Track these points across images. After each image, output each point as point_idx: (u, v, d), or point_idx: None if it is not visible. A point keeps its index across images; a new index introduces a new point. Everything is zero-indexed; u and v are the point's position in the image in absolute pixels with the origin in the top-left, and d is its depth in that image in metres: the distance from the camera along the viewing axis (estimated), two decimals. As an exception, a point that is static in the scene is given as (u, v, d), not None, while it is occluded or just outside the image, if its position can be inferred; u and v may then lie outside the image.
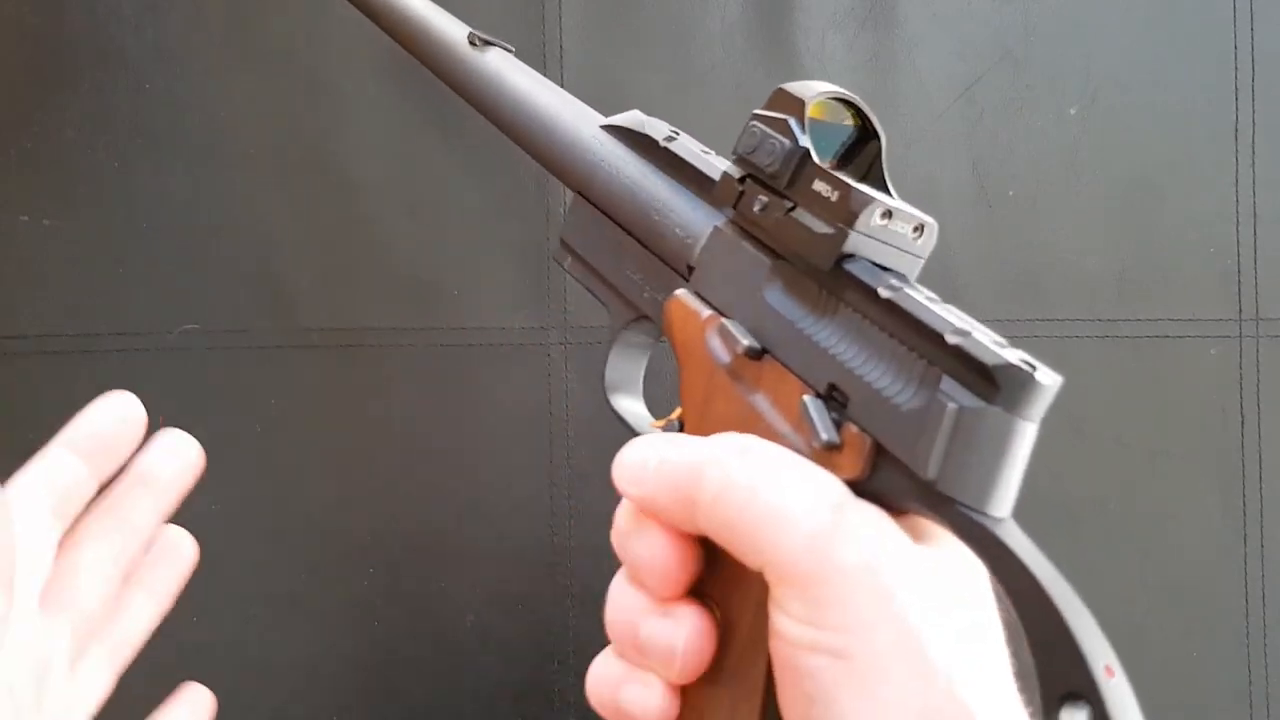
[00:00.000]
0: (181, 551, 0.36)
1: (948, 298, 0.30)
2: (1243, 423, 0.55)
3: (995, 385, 0.26)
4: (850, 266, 0.29)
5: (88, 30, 0.55)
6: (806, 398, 0.28)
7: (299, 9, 0.55)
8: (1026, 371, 0.26)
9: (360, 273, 0.54)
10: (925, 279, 0.61)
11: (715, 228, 0.32)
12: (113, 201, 0.55)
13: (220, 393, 0.54)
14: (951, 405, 0.25)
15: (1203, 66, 0.55)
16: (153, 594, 0.36)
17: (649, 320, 0.34)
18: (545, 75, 0.59)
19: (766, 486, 0.25)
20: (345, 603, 0.53)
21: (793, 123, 0.31)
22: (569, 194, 0.39)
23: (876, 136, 0.31)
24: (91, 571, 0.34)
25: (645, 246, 0.34)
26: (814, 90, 0.31)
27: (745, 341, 0.30)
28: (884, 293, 0.27)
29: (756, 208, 0.31)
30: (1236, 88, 0.55)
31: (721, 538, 0.26)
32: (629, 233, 0.35)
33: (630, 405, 0.36)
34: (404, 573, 0.53)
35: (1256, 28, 0.55)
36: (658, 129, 0.35)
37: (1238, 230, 0.55)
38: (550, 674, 0.54)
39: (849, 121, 0.32)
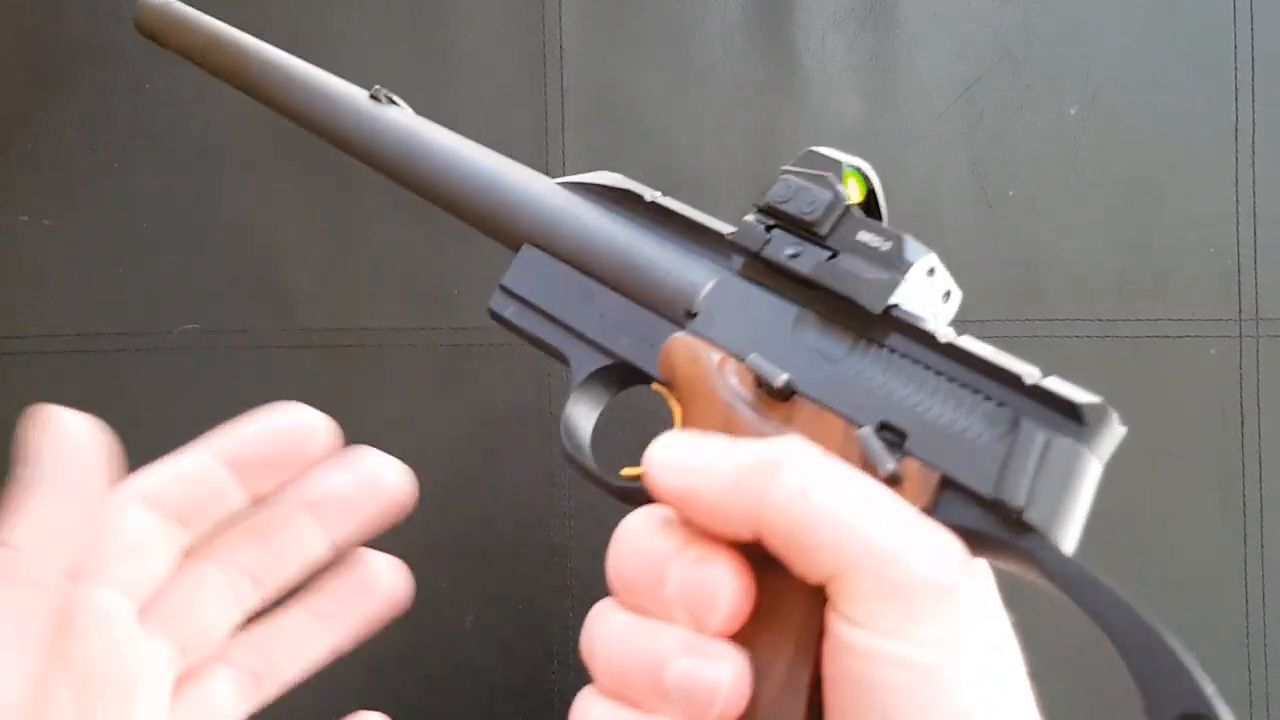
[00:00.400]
0: (378, 585, 0.33)
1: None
2: (1243, 423, 0.55)
3: (1082, 422, 0.28)
4: (898, 313, 0.30)
5: (88, 30, 0.55)
6: (863, 430, 0.29)
7: (299, 8, 0.55)
8: (1110, 411, 0.28)
9: (360, 273, 0.54)
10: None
11: (726, 276, 0.33)
12: (113, 201, 0.55)
13: (220, 393, 0.54)
14: (1040, 437, 0.27)
15: (1203, 66, 0.55)
16: (328, 625, 0.33)
17: (622, 366, 0.34)
18: (545, 75, 0.59)
19: (857, 484, 0.25)
20: (345, 603, 0.53)
21: (832, 178, 0.32)
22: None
23: (879, 215, 0.33)
24: (218, 589, 0.30)
25: (626, 295, 0.35)
26: (846, 159, 0.32)
27: (782, 377, 0.30)
28: (944, 337, 0.29)
29: (787, 252, 0.32)
30: (1236, 88, 0.55)
31: (791, 541, 0.25)
32: (603, 281, 0.35)
33: (590, 458, 0.35)
34: (404, 573, 0.53)
35: (1256, 28, 0.55)
36: (642, 188, 0.36)
37: (1238, 230, 0.55)
38: (550, 674, 0.54)
39: (857, 193, 0.33)
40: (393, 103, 0.42)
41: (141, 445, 0.36)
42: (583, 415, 0.35)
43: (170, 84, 0.55)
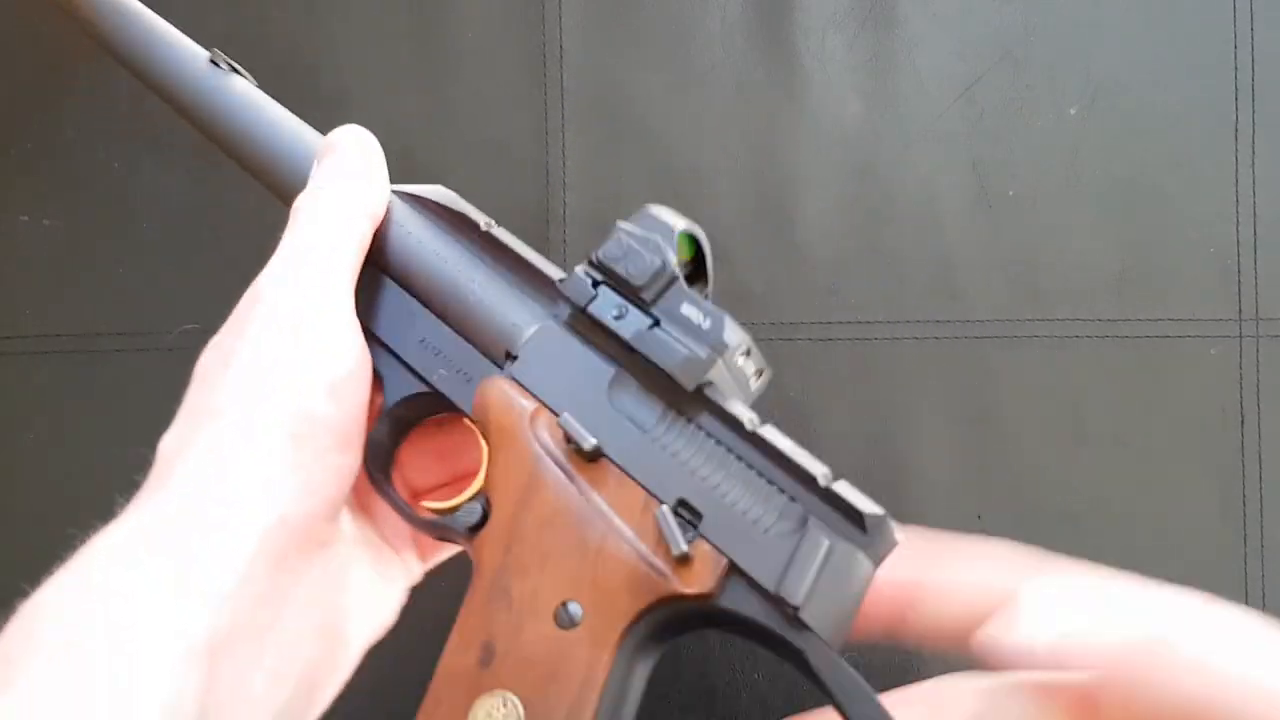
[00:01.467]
0: None
1: (948, 297, 0.30)
2: (1243, 423, 0.55)
3: (864, 530, 0.28)
4: (709, 392, 0.30)
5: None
6: (662, 509, 0.29)
7: (298, 10, 0.55)
8: (889, 523, 0.29)
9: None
10: (926, 279, 0.61)
11: (550, 323, 0.33)
12: (113, 201, 0.55)
13: (220, 393, 0.54)
14: (825, 542, 0.28)
15: (1203, 66, 0.55)
16: None
17: (435, 397, 0.34)
18: (545, 75, 0.59)
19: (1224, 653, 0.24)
20: (345, 603, 0.53)
21: (662, 243, 0.32)
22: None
23: (705, 280, 0.33)
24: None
25: (450, 325, 0.34)
26: (681, 223, 0.32)
27: (590, 441, 0.30)
28: (750, 426, 0.30)
29: (613, 314, 0.32)
30: (1236, 88, 0.55)
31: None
32: (428, 305, 0.34)
33: (391, 487, 0.35)
34: (404, 573, 0.53)
35: (1256, 28, 0.55)
36: (476, 213, 0.35)
37: (1238, 230, 0.55)
38: (550, 674, 0.54)
39: (685, 257, 0.33)
40: (235, 71, 0.39)
41: (141, 445, 0.36)
42: (388, 439, 0.35)
43: (170, 84, 0.55)
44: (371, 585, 0.33)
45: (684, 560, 0.29)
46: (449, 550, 0.37)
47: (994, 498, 0.54)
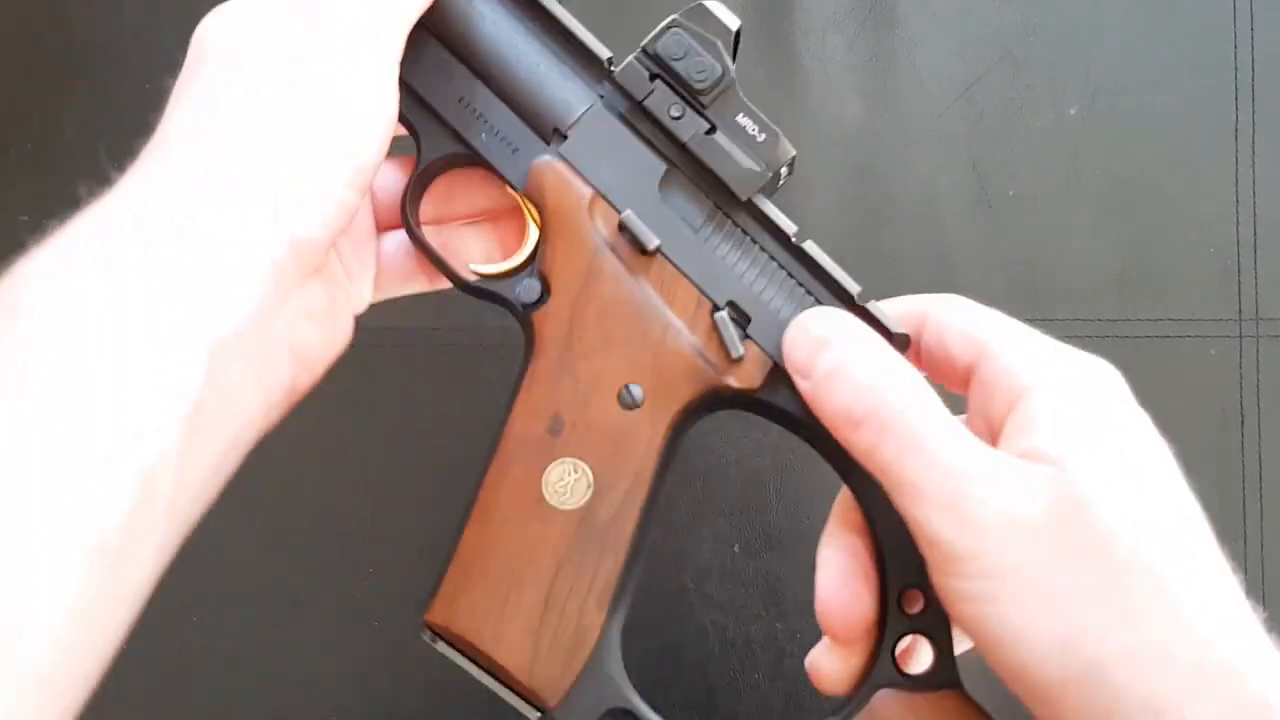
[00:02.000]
0: None
1: (948, 298, 0.31)
2: (1243, 423, 0.55)
3: (892, 344, 0.31)
4: (759, 202, 0.32)
5: (87, 31, 0.55)
6: (722, 314, 0.31)
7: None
8: (909, 343, 0.32)
9: (360, 273, 0.54)
10: (926, 279, 0.61)
11: (599, 106, 0.33)
12: (113, 201, 0.55)
13: (220, 393, 0.54)
14: None
15: (1203, 66, 0.55)
16: None
17: (472, 158, 0.34)
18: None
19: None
20: (345, 603, 0.53)
21: (723, 49, 0.32)
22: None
23: (729, 71, 0.33)
24: None
25: (495, 90, 0.33)
26: (735, 23, 0.32)
27: (654, 241, 0.32)
28: (797, 240, 0.32)
29: (672, 112, 0.32)
30: (1236, 88, 0.55)
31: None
32: (473, 70, 0.33)
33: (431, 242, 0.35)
34: (404, 573, 0.53)
35: (1256, 28, 0.55)
36: None
37: (1238, 230, 0.55)
38: (550, 674, 0.54)
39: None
40: None
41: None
42: (417, 191, 0.35)
43: (170, 84, 0.55)
44: (331, 312, 0.33)
45: (737, 362, 0.31)
46: (404, 289, 0.37)
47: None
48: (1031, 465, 0.26)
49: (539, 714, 0.32)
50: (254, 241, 0.27)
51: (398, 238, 0.36)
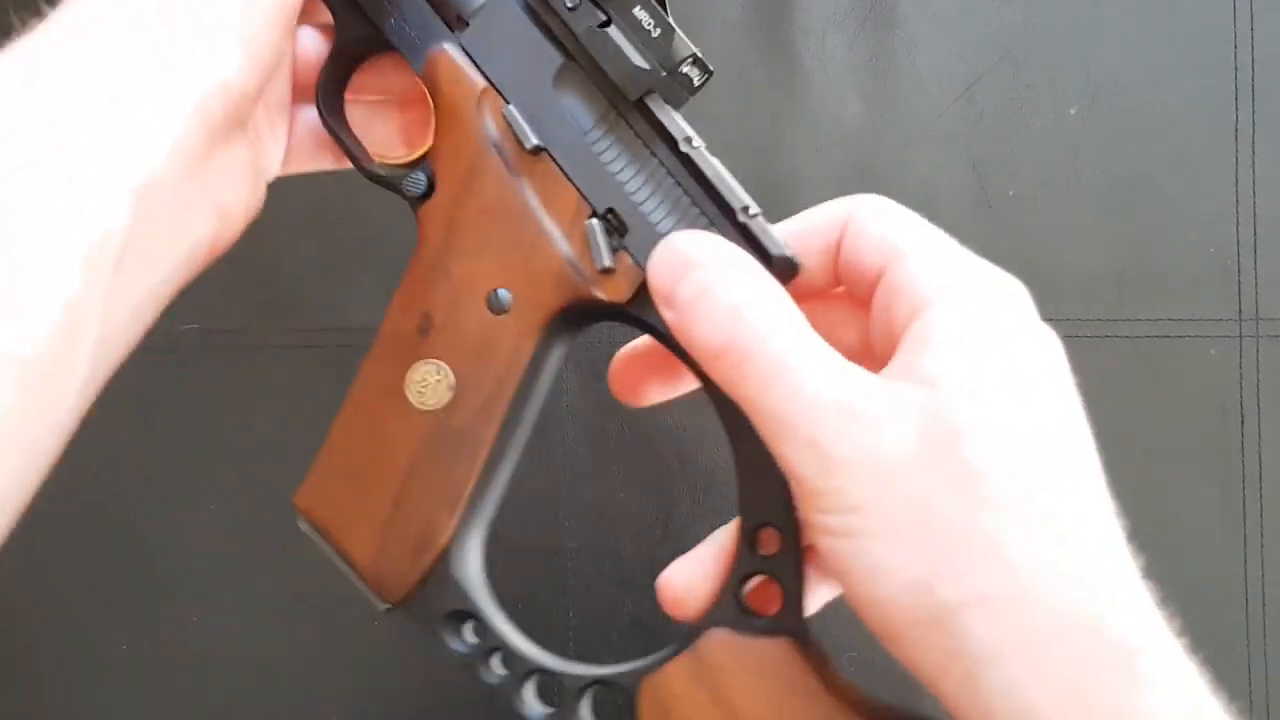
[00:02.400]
0: None
1: (948, 298, 0.30)
2: (1243, 423, 0.55)
3: (771, 268, 0.28)
4: (652, 103, 0.30)
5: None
6: (592, 223, 0.30)
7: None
8: (797, 265, 0.29)
9: (360, 273, 0.54)
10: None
11: None
12: (113, 201, 0.55)
13: (220, 393, 0.54)
14: None
15: (1203, 66, 0.55)
16: None
17: (384, 47, 0.33)
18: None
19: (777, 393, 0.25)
20: (345, 603, 0.53)
21: None
22: None
23: None
24: None
25: None
26: None
27: (532, 141, 0.30)
28: (684, 148, 0.30)
29: (569, 2, 0.30)
30: (1236, 88, 0.55)
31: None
32: None
33: (348, 131, 0.34)
34: (404, 573, 0.53)
35: (1256, 28, 0.55)
36: None
37: (1238, 230, 0.55)
38: (550, 674, 0.54)
39: None
40: None
41: (141, 444, 0.36)
42: (335, 75, 0.34)
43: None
44: (253, 170, 0.33)
45: (606, 273, 0.30)
46: (312, 166, 0.37)
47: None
48: (907, 389, 0.25)
49: (385, 607, 0.32)
50: (184, 85, 0.27)
51: (311, 113, 0.35)
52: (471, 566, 0.32)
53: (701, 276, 0.27)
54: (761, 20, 0.55)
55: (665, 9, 0.31)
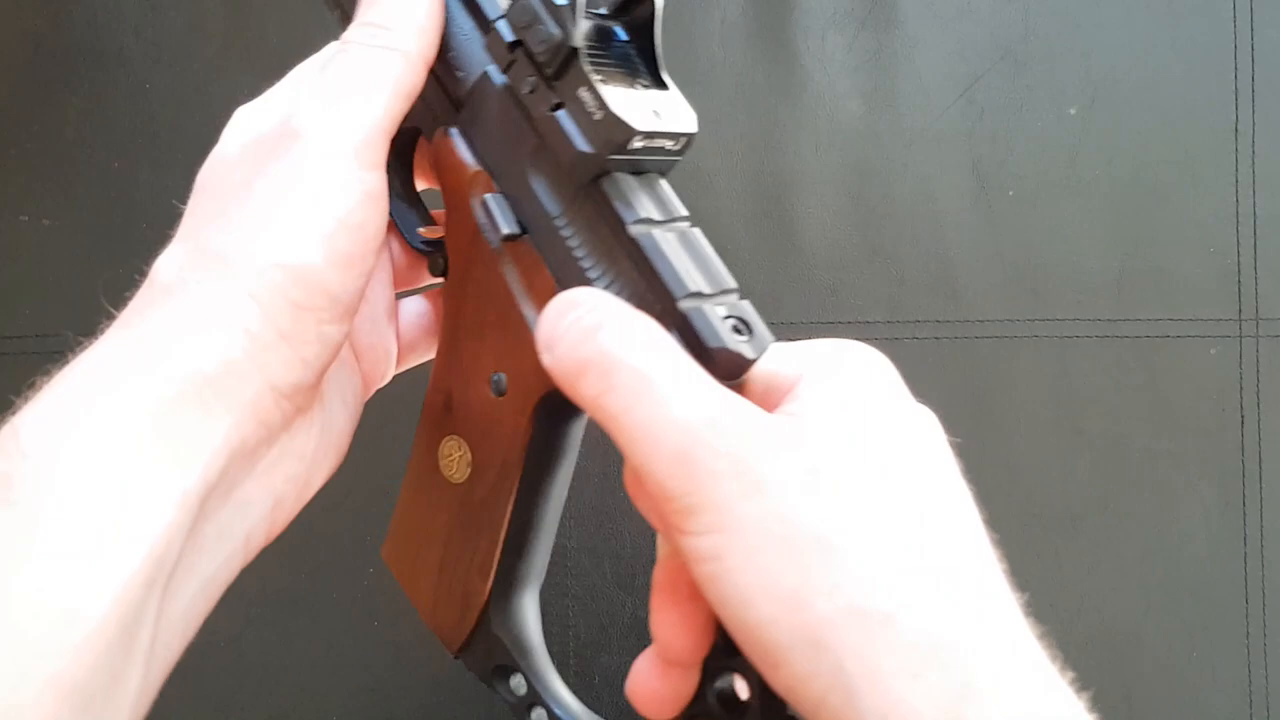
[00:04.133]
0: None
1: (948, 297, 0.30)
2: (1243, 423, 0.55)
3: (712, 362, 0.26)
4: (607, 186, 0.28)
5: (88, 31, 0.55)
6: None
7: (298, 8, 0.55)
8: (740, 361, 0.27)
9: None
10: (926, 279, 0.61)
11: (485, 74, 0.30)
12: (112, 201, 0.55)
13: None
14: None
15: (1203, 66, 0.55)
16: None
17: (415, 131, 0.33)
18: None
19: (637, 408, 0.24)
20: (345, 603, 0.53)
21: (567, 13, 0.28)
22: None
23: (653, 54, 0.29)
24: None
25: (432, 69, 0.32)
26: None
27: (503, 230, 0.30)
28: (633, 230, 0.28)
29: (525, 89, 0.29)
30: (1236, 88, 0.55)
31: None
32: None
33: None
34: (404, 573, 0.53)
35: (1256, 28, 0.55)
36: None
37: (1238, 230, 0.55)
38: (550, 674, 0.54)
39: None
40: None
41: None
42: (397, 159, 0.33)
43: (170, 84, 0.55)
44: (314, 445, 0.31)
45: None
46: (427, 355, 0.36)
47: (994, 498, 0.54)
48: (776, 415, 0.24)
49: (453, 655, 0.34)
50: (229, 395, 0.27)
51: (414, 305, 0.36)
52: (519, 623, 0.33)
53: (575, 314, 0.26)
54: (761, 20, 0.55)
55: (656, 62, 0.29)
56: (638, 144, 0.28)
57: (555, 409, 0.31)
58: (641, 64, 0.29)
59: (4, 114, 0.55)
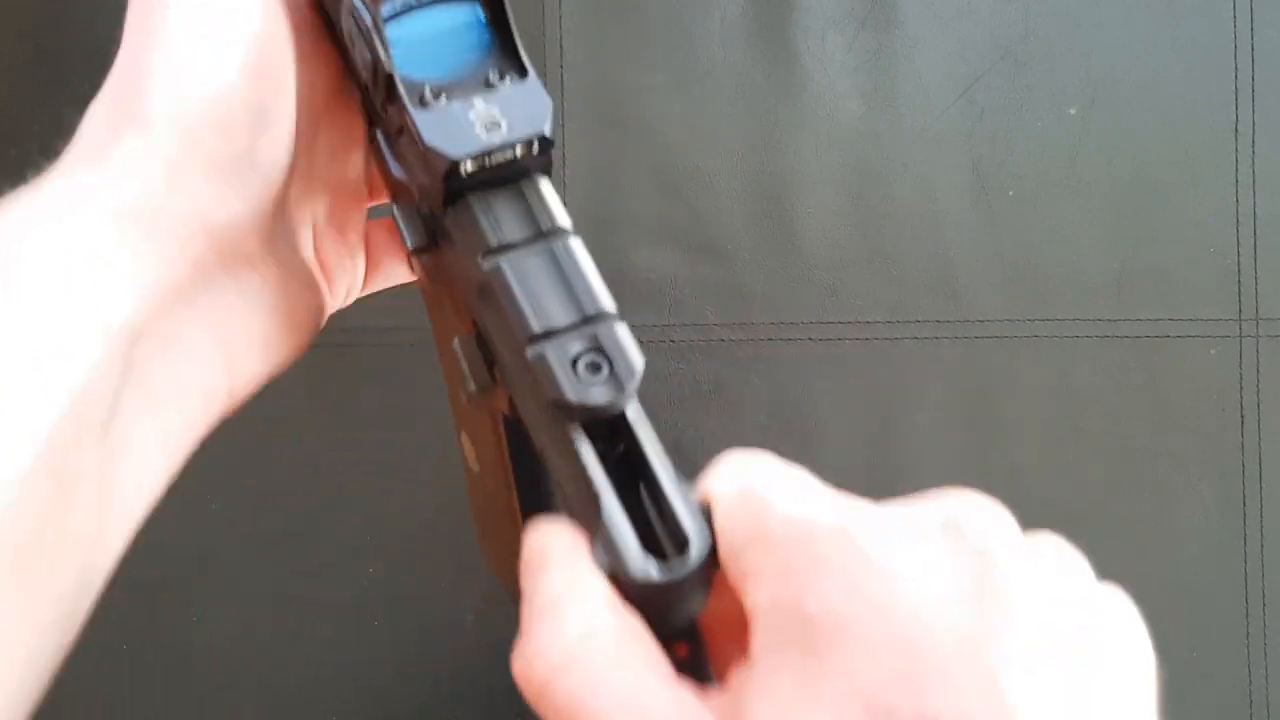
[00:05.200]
0: None
1: (948, 297, 0.30)
2: (1243, 423, 0.55)
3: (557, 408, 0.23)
4: (459, 212, 0.25)
5: (88, 31, 0.55)
6: (457, 340, 0.26)
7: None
8: (577, 410, 0.23)
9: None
10: (926, 279, 0.61)
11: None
12: (113, 201, 0.55)
13: (220, 393, 0.53)
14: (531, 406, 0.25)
15: (1203, 66, 0.55)
16: None
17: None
18: (545, 75, 0.59)
19: None
20: (345, 603, 0.53)
21: (376, 40, 0.24)
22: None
23: (515, 59, 0.27)
24: None
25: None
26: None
27: (410, 244, 0.27)
28: (484, 265, 0.24)
29: (384, 119, 0.27)
30: (1236, 88, 0.55)
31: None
32: None
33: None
34: (404, 573, 0.53)
35: (1256, 28, 0.55)
36: None
37: (1238, 230, 0.55)
38: (550, 674, 0.54)
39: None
40: None
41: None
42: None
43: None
44: (269, 307, 0.30)
45: (487, 391, 0.26)
46: (391, 279, 0.36)
47: (994, 497, 0.54)
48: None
49: None
50: (163, 232, 0.26)
51: (389, 228, 0.35)
52: None
53: (541, 638, 0.23)
54: (761, 20, 0.55)
55: (514, 43, 0.27)
56: (469, 168, 0.24)
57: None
58: (501, 51, 0.26)
59: (4, 114, 0.55)
